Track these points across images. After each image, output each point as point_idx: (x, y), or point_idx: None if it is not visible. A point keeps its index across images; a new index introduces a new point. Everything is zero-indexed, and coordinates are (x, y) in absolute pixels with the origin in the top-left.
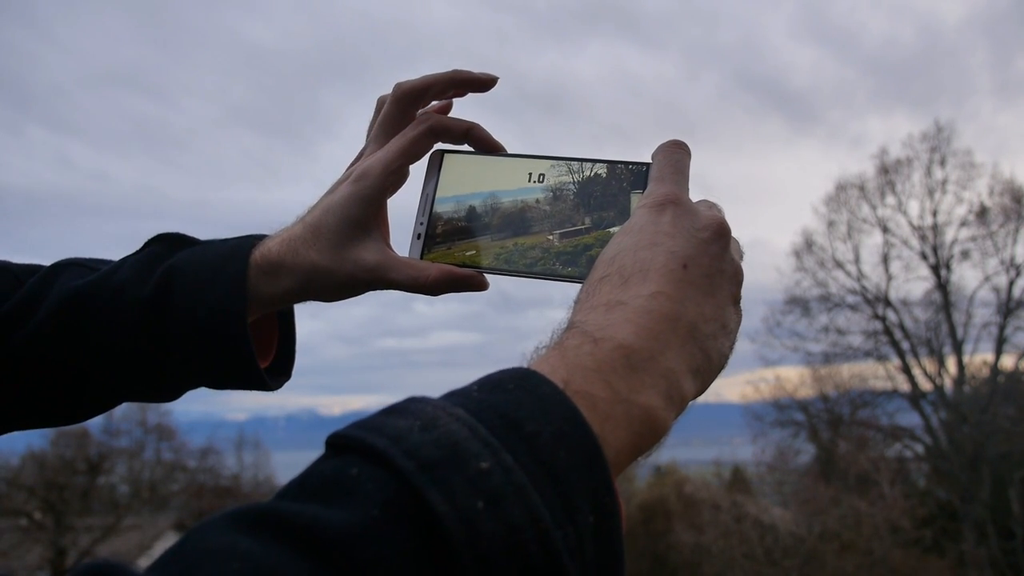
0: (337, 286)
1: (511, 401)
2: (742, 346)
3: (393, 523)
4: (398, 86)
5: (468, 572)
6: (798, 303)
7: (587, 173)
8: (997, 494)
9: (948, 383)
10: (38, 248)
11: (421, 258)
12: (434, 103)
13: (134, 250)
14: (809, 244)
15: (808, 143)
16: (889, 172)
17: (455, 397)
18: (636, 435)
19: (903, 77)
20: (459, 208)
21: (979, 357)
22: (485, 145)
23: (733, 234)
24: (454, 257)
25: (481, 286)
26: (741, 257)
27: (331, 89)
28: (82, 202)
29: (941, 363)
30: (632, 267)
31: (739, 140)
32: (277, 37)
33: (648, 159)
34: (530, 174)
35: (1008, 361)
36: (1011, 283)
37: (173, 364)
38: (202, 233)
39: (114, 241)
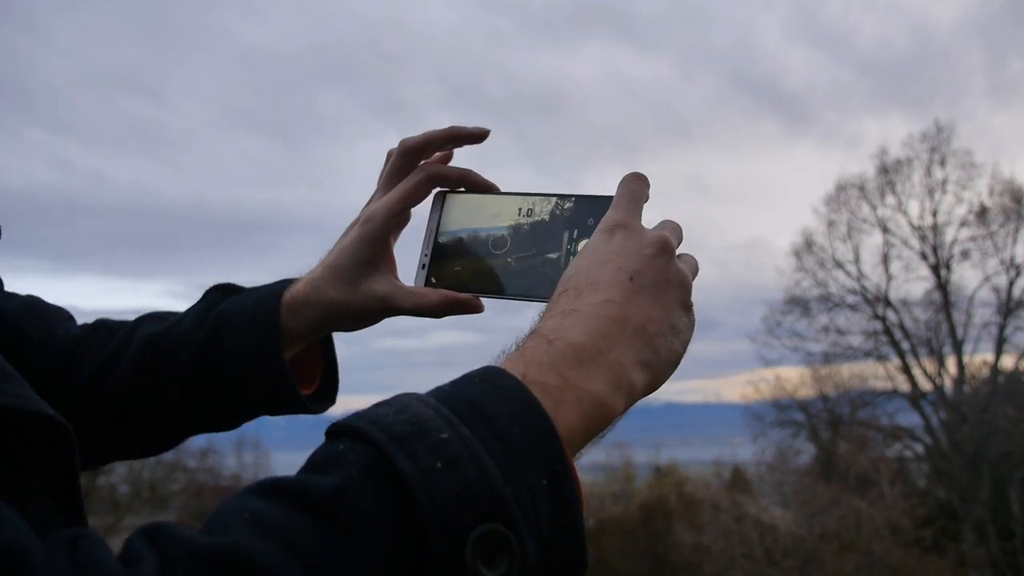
0: (354, 317)
1: (476, 391)
2: (742, 346)
3: (369, 481)
4: (403, 143)
5: (429, 519)
6: (798, 303)
7: (569, 205)
8: (997, 494)
9: (948, 383)
10: (37, 248)
11: (425, 286)
12: (436, 155)
13: (196, 300)
14: (809, 244)
15: (804, 144)
16: (889, 172)
17: (431, 391)
18: (587, 417)
19: (898, 79)
20: (458, 240)
21: (979, 357)
22: (479, 187)
23: (690, 251)
24: (455, 282)
25: (477, 309)
26: (695, 271)
27: (328, 91)
28: (80, 202)
29: (941, 363)
30: (585, 281)
31: (735, 141)
32: (274, 39)
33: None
34: (520, 208)
35: (1008, 361)
36: (1011, 283)
37: (230, 395)
38: (201, 232)
39: (112, 241)
